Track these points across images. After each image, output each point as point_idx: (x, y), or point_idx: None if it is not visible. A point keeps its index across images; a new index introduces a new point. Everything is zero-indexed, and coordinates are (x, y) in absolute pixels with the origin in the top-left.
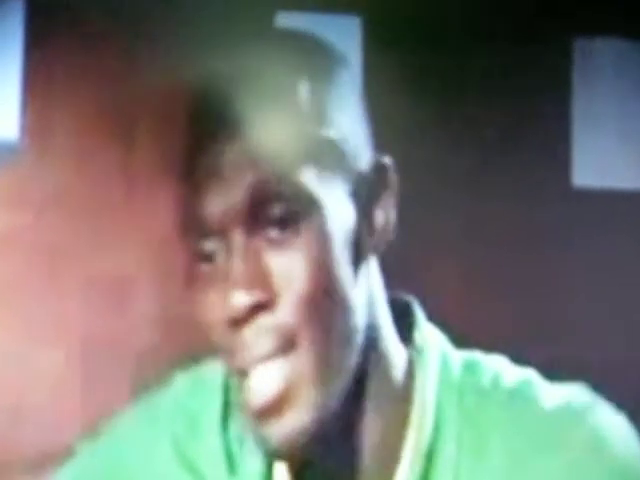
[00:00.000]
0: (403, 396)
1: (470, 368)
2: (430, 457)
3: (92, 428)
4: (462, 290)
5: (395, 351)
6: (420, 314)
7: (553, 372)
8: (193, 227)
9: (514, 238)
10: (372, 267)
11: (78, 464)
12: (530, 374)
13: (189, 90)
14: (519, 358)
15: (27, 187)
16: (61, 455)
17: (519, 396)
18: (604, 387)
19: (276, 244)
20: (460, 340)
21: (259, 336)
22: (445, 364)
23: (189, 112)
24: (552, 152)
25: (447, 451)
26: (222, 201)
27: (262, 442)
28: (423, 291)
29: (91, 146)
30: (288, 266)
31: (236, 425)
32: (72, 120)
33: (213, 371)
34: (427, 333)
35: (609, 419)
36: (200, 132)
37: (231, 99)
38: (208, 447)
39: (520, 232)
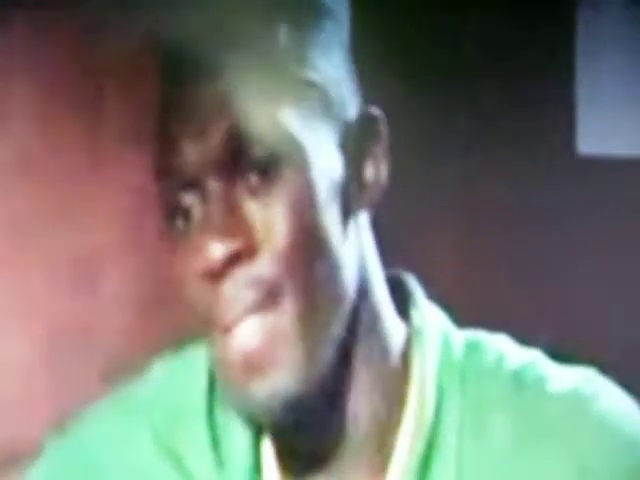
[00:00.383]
0: (399, 376)
1: (473, 348)
2: (431, 442)
3: (62, 422)
4: (459, 265)
5: (391, 324)
6: (418, 291)
7: (558, 350)
8: (169, 179)
9: (515, 209)
10: (363, 226)
11: (48, 462)
12: (536, 355)
13: (160, 38)
14: (521, 336)
15: None
16: (29, 452)
17: (525, 378)
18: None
19: (256, 192)
20: (458, 319)
21: (239, 289)
22: (446, 344)
23: (160, 59)
24: (555, 118)
25: (448, 436)
26: (198, 148)
27: (244, 407)
28: (418, 267)
29: (55, 112)
30: (269, 215)
31: (222, 412)
32: (34, 85)
33: (195, 356)
34: (426, 311)
35: (619, 404)
36: (172, 78)
37: (204, 43)
38: (193, 437)
39: (521, 202)
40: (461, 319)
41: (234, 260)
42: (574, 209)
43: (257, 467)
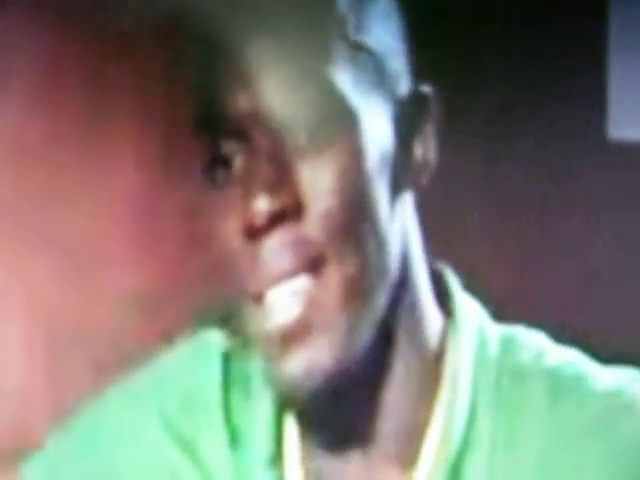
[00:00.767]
0: (433, 369)
1: (509, 344)
2: (462, 445)
3: (60, 414)
4: (488, 255)
5: (429, 314)
6: (455, 282)
7: (590, 344)
8: (214, 127)
9: (544, 196)
10: (408, 208)
11: (51, 453)
12: (576, 354)
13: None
14: (553, 328)
15: None
16: (29, 447)
17: (563, 377)
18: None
19: (305, 153)
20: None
21: (281, 251)
22: (482, 340)
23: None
24: (586, 103)
25: (481, 439)
26: (248, 100)
27: (279, 381)
28: (445, 257)
29: (52, 89)
30: (317, 177)
31: (239, 396)
32: (31, 61)
33: (206, 342)
34: (463, 304)
35: None
36: (221, 32)
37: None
38: (207, 424)
39: (551, 189)
40: (491, 312)
41: (279, 218)
42: (605, 196)
43: (277, 454)
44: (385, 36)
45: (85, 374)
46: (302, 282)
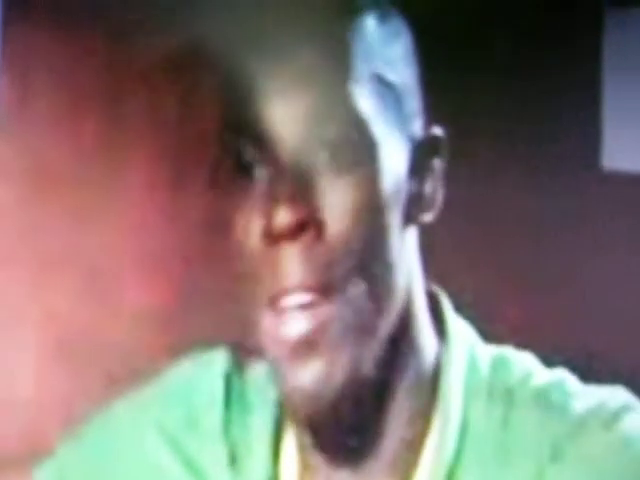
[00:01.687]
0: (429, 388)
1: (499, 366)
2: (456, 456)
3: (73, 423)
4: (477, 279)
5: (427, 334)
6: (448, 306)
7: (575, 364)
8: (241, 131)
9: (539, 223)
10: (412, 239)
11: (61, 459)
12: (562, 375)
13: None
14: (543, 349)
15: (5, 160)
16: (42, 452)
17: (550, 397)
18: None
19: (326, 170)
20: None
21: (298, 263)
22: (473, 360)
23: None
24: (581, 134)
25: (473, 451)
26: (280, 106)
27: (287, 390)
28: (433, 279)
29: (72, 118)
30: (337, 195)
31: (239, 411)
32: (52, 91)
33: (212, 359)
34: (455, 326)
35: None
36: (258, 47)
37: (291, 21)
38: (208, 440)
39: (546, 217)
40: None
41: (299, 229)
42: (599, 223)
43: (275, 472)
44: (406, 75)
45: (96, 385)
46: (314, 302)
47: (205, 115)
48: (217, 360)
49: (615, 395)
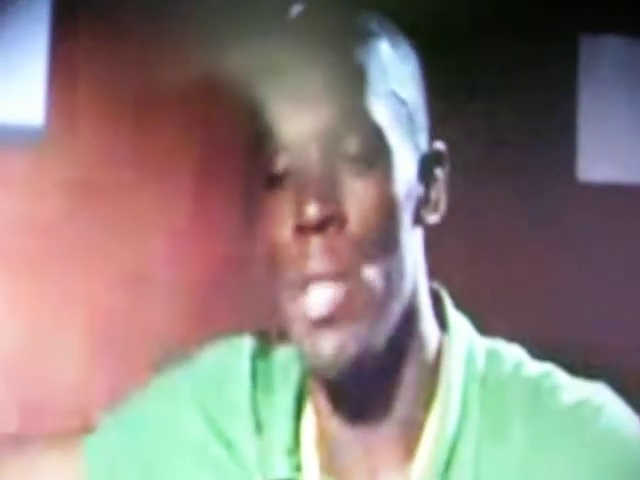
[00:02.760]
0: (431, 374)
1: (493, 356)
2: (455, 436)
3: (118, 403)
4: (458, 292)
5: (431, 330)
6: (449, 302)
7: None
8: (272, 141)
9: (517, 233)
10: (419, 240)
11: (107, 434)
12: (551, 367)
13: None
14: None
15: (51, 172)
16: (90, 427)
17: (540, 387)
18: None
19: (349, 171)
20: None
21: (323, 253)
22: (470, 351)
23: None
24: (557, 148)
25: (469, 437)
26: (306, 119)
27: (312, 358)
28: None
29: (113, 134)
30: (359, 193)
31: (265, 389)
32: (95, 107)
33: (240, 345)
34: (455, 319)
35: (625, 418)
36: (287, 60)
37: (316, 45)
38: (237, 412)
39: (524, 226)
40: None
41: (326, 223)
42: (574, 231)
43: (296, 443)
44: (416, 93)
45: (137, 368)
46: (335, 285)
47: (232, 133)
48: (244, 344)
49: (599, 391)
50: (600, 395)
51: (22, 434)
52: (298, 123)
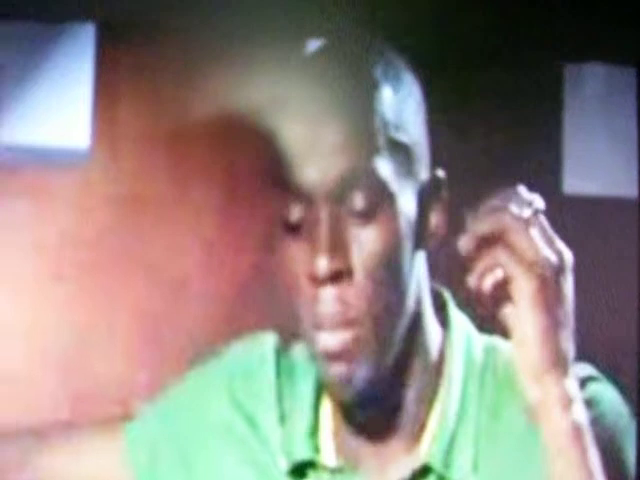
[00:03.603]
0: (436, 370)
1: (491, 351)
2: (456, 425)
3: (158, 392)
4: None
5: (433, 331)
6: (451, 302)
7: None
8: (286, 192)
9: None
10: (422, 260)
11: (148, 421)
12: None
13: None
14: None
15: (96, 190)
16: (133, 413)
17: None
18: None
19: (355, 224)
20: None
21: (333, 303)
22: (469, 347)
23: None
24: (544, 163)
25: (469, 420)
26: (318, 174)
27: (327, 382)
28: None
29: (151, 156)
30: (366, 243)
31: (288, 379)
32: (135, 132)
33: (265, 340)
34: (456, 318)
35: (608, 392)
36: (300, 119)
37: (327, 96)
38: (263, 400)
39: None
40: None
41: (335, 276)
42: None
43: (315, 429)
44: (415, 130)
45: (173, 364)
46: (344, 331)
47: (255, 156)
48: (269, 340)
49: (582, 368)
50: (583, 371)
51: (72, 421)
52: (310, 177)
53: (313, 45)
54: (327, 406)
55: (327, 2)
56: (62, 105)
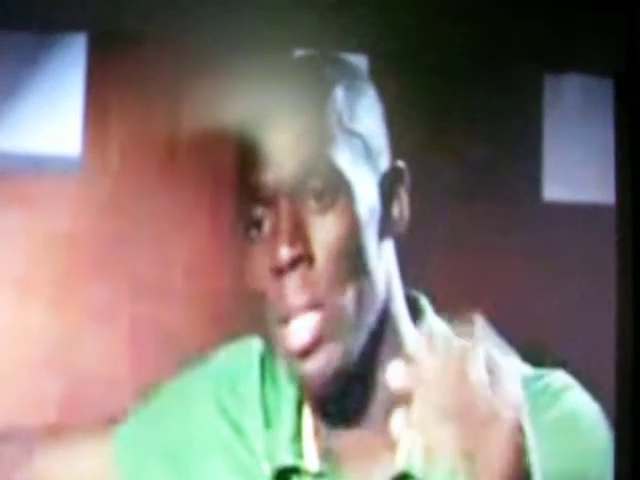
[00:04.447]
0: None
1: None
2: None
3: (144, 397)
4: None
5: (407, 329)
6: (428, 307)
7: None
8: (249, 196)
9: (488, 247)
10: (389, 251)
11: (133, 422)
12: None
13: (238, 103)
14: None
15: (87, 197)
16: (117, 420)
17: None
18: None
19: (315, 213)
20: None
21: (297, 291)
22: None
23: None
24: (525, 169)
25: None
26: (276, 172)
27: (299, 379)
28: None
29: (140, 165)
30: (325, 229)
31: (272, 384)
32: (125, 142)
33: (250, 346)
34: (434, 322)
35: (583, 403)
36: (259, 128)
37: (281, 99)
38: (248, 406)
39: (493, 242)
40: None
41: (296, 262)
42: (540, 248)
43: (298, 433)
44: (371, 122)
45: (160, 368)
46: (312, 316)
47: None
48: (254, 346)
49: (558, 377)
50: (558, 381)
51: (60, 425)
52: (269, 176)
53: (296, 55)
54: (308, 410)
55: (313, 13)
56: (53, 114)
